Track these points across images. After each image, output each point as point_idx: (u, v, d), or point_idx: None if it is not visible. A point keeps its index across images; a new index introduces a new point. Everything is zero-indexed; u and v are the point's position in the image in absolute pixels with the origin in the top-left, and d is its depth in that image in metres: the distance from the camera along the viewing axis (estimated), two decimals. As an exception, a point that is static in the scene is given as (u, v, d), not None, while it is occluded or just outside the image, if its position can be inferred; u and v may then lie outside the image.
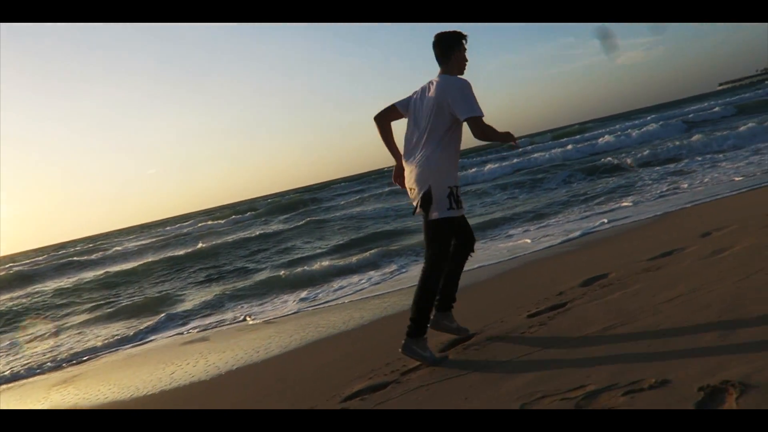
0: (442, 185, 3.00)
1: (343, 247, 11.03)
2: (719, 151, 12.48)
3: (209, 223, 29.92)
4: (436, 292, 3.11)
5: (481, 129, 2.96)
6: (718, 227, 4.58)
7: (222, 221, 28.65)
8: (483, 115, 2.96)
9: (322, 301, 6.15)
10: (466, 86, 3.00)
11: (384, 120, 3.35)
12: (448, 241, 3.12)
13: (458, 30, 3.16)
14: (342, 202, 24.66)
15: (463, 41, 3.16)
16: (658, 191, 8.61)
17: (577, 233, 6.49)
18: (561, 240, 6.31)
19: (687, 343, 2.41)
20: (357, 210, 18.63)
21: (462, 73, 3.17)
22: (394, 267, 7.44)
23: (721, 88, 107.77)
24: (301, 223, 16.84)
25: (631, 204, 8.00)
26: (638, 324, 2.81)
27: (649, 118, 32.63)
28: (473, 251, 3.38)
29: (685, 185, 8.60)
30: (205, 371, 4.23)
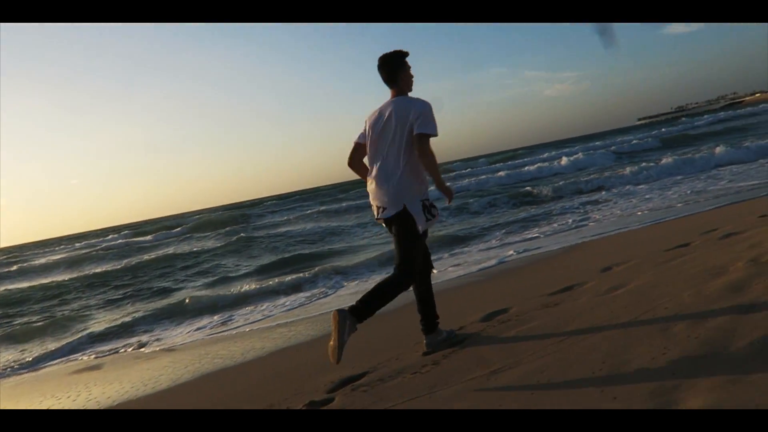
0: (415, 200, 3.09)
1: (269, 267, 10.82)
2: (638, 182, 13.00)
3: (135, 239, 28.68)
4: (392, 299, 3.11)
5: (425, 148, 3.04)
6: (619, 262, 4.68)
7: (148, 237, 27.56)
8: (435, 135, 3.07)
9: (230, 328, 5.90)
10: (429, 107, 3.11)
11: (357, 162, 3.41)
12: (422, 253, 3.22)
13: (399, 50, 3.24)
14: (272, 221, 24.27)
15: (406, 59, 3.23)
16: (572, 221, 8.81)
17: (493, 261, 6.52)
18: (477, 269, 6.31)
19: (568, 389, 2.38)
20: (287, 229, 18.35)
21: (411, 90, 3.27)
22: (317, 290, 7.28)
23: (640, 122, 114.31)
24: (231, 240, 16.42)
25: (542, 235, 8.07)
26: (526, 367, 2.76)
27: (576, 147, 33.99)
28: (434, 268, 3.45)
29: (598, 216, 8.82)
30: (83, 407, 3.91)
